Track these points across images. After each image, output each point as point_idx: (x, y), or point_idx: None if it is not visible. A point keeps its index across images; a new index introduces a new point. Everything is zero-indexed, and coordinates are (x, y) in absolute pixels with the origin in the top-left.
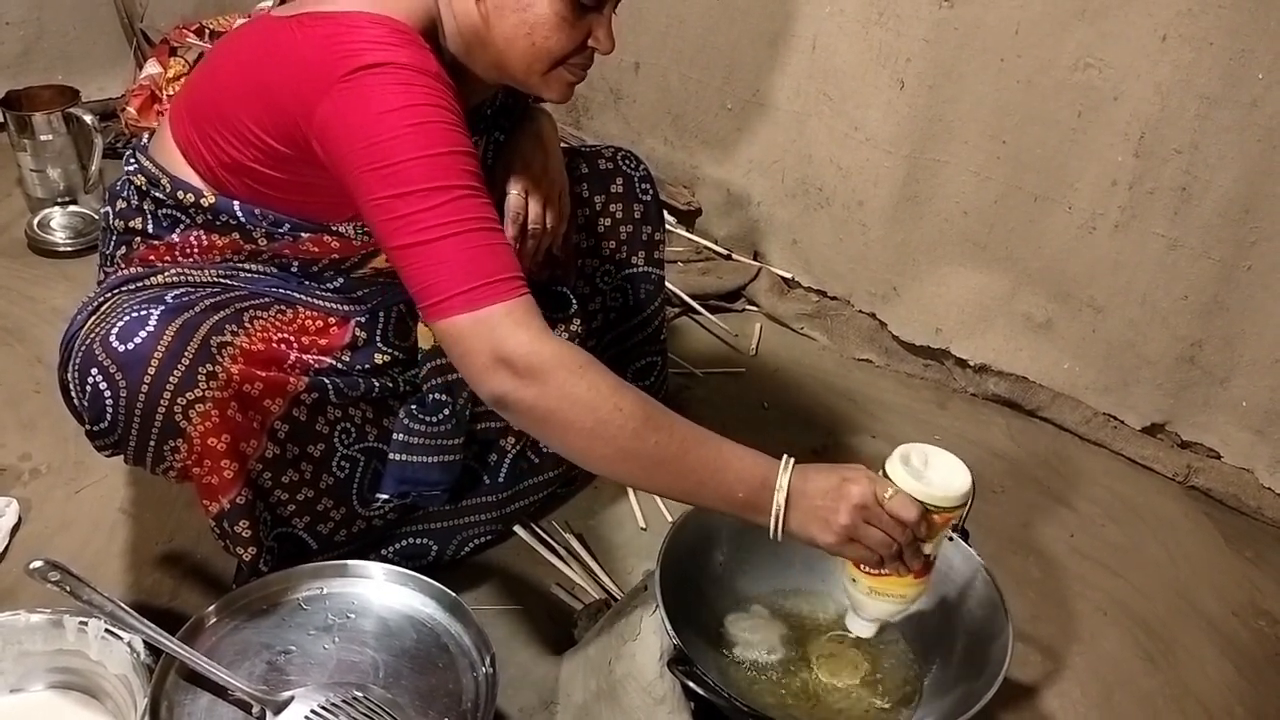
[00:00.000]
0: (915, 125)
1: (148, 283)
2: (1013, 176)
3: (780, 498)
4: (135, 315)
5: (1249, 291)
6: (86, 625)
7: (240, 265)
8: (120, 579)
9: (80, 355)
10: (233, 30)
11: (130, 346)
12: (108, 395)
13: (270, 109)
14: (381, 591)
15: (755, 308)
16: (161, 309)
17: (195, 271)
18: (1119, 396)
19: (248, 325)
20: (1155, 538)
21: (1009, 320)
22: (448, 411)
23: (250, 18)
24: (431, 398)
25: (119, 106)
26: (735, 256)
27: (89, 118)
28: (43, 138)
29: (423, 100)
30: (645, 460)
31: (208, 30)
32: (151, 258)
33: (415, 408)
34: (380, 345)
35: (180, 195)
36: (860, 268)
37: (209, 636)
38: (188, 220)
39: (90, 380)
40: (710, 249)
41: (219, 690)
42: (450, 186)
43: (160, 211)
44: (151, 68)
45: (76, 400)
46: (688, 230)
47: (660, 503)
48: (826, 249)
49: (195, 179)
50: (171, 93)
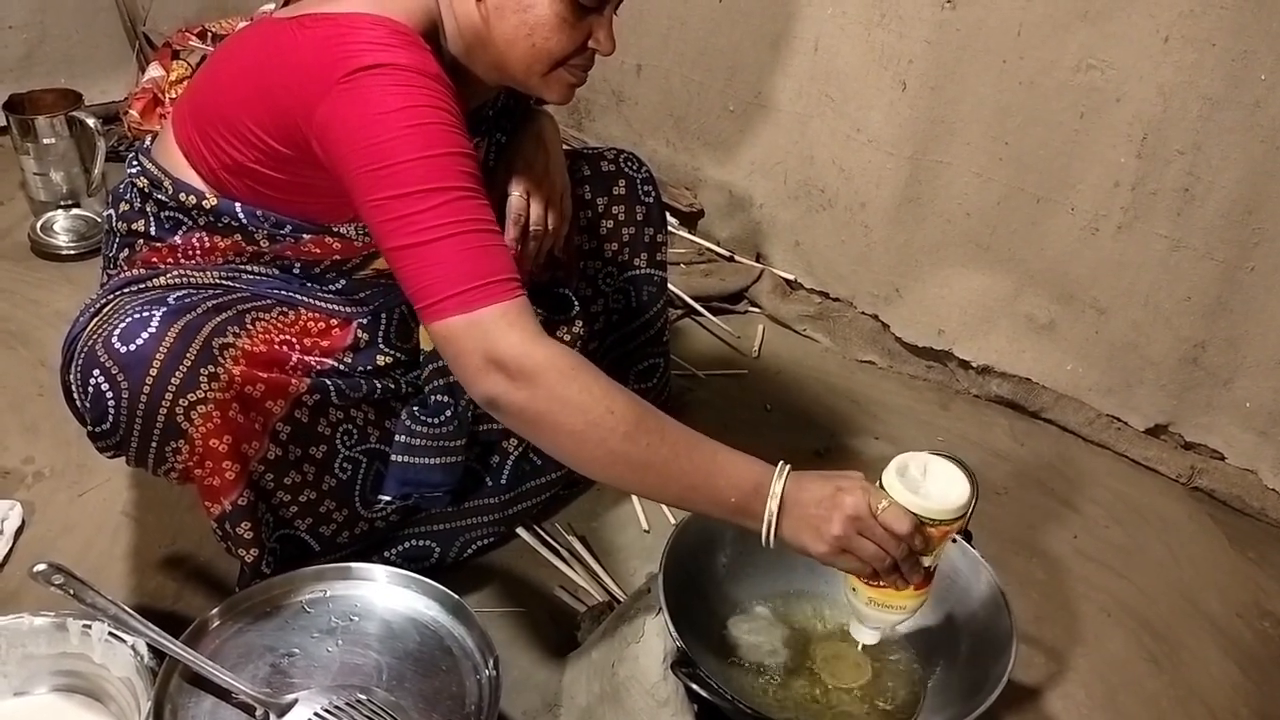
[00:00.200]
0: (917, 126)
1: (150, 284)
2: (1015, 178)
3: (773, 504)
4: (137, 317)
5: (1252, 292)
6: (90, 628)
7: (242, 267)
8: (123, 582)
9: (82, 356)
10: (235, 32)
11: (132, 348)
12: (109, 396)
13: (271, 110)
14: (385, 594)
15: (758, 309)
16: (164, 310)
17: (197, 273)
18: (1122, 398)
19: (249, 327)
20: (1159, 539)
21: (1012, 322)
22: (450, 413)
23: (253, 20)
24: (434, 399)
25: (122, 110)
26: (737, 258)
27: (92, 121)
28: (46, 141)
29: (421, 101)
30: (636, 464)
31: (210, 33)
32: (154, 260)
33: (417, 409)
34: (382, 347)
35: (182, 197)
36: (863, 269)
37: (212, 639)
38: (190, 222)
39: (92, 381)
40: (712, 251)
41: (222, 693)
42: (447, 188)
43: (163, 214)
44: (154, 71)
45: (78, 402)
46: (690, 232)
47: (663, 505)
48: (829, 251)
49: (197, 181)
50: (174, 96)
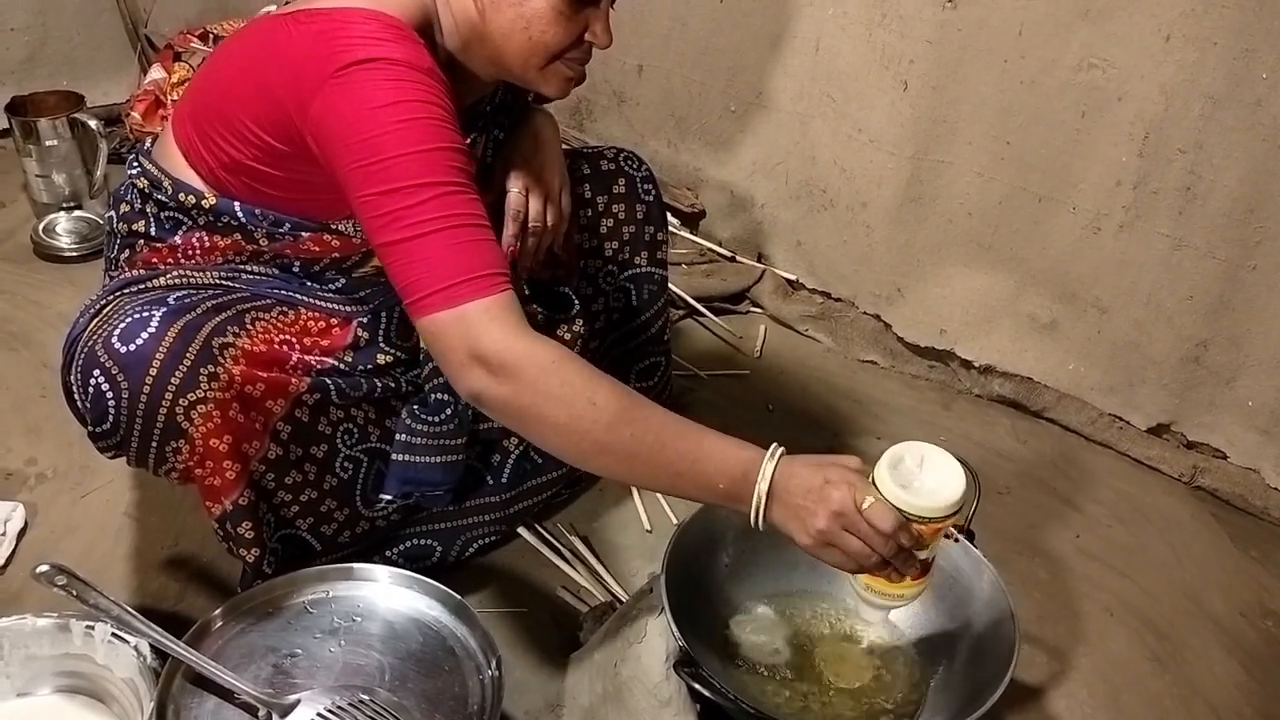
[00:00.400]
0: (919, 126)
1: (150, 285)
2: (1017, 177)
3: (763, 486)
4: (137, 317)
5: (1254, 291)
6: (93, 629)
7: (242, 267)
8: (126, 583)
9: (83, 357)
10: (233, 32)
11: (132, 348)
12: (110, 396)
13: (267, 106)
14: (387, 594)
15: (759, 310)
16: (163, 310)
17: (197, 273)
18: (1124, 397)
19: (249, 326)
20: (1161, 538)
21: (1014, 321)
22: (450, 411)
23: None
24: (434, 398)
25: (124, 112)
26: (739, 258)
27: (94, 123)
28: (48, 143)
29: (413, 96)
30: (622, 453)
31: (212, 35)
32: (154, 260)
33: (418, 408)
34: (382, 345)
35: (182, 197)
36: (864, 269)
37: (215, 640)
38: (190, 222)
39: (93, 382)
40: (714, 251)
41: (225, 694)
42: (437, 183)
43: (163, 214)
44: (156, 73)
45: (79, 402)
46: (691, 232)
47: (665, 505)
48: (830, 251)
49: (197, 181)
50: (176, 97)
